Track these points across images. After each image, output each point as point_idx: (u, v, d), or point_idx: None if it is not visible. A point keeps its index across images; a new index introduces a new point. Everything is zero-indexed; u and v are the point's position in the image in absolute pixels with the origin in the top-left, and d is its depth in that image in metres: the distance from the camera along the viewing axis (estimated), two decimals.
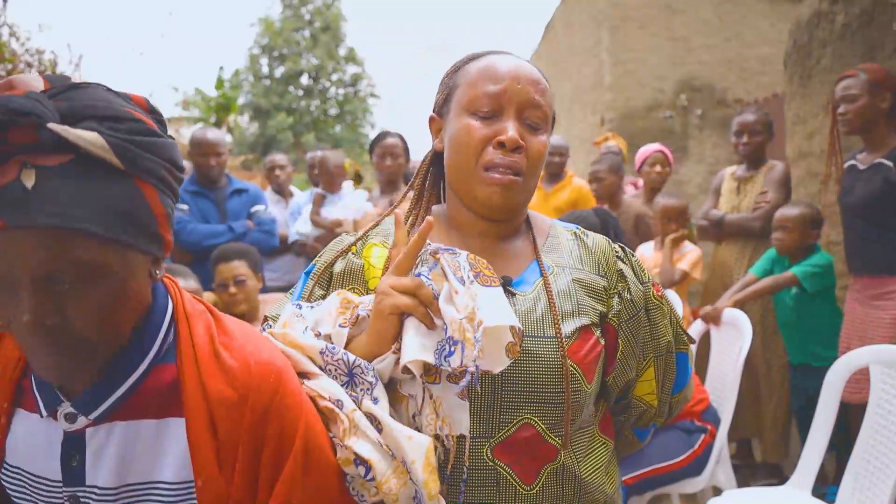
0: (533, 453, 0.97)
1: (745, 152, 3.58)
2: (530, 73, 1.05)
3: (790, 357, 3.30)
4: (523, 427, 0.97)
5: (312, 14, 23.76)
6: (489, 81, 1.03)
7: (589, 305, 1.04)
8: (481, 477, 0.96)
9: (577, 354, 1.00)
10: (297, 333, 0.99)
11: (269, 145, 20.41)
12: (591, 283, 1.06)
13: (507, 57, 1.07)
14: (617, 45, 6.99)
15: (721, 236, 3.65)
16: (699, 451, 2.59)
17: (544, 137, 1.05)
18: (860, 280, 2.84)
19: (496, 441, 0.96)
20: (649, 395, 1.14)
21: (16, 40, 4.12)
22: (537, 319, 1.00)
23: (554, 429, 0.99)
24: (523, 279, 1.05)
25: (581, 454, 1.02)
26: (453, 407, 0.95)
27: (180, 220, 3.47)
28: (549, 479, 0.98)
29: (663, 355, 1.12)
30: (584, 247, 1.11)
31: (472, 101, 1.03)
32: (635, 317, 1.07)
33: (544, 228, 1.14)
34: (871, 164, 2.75)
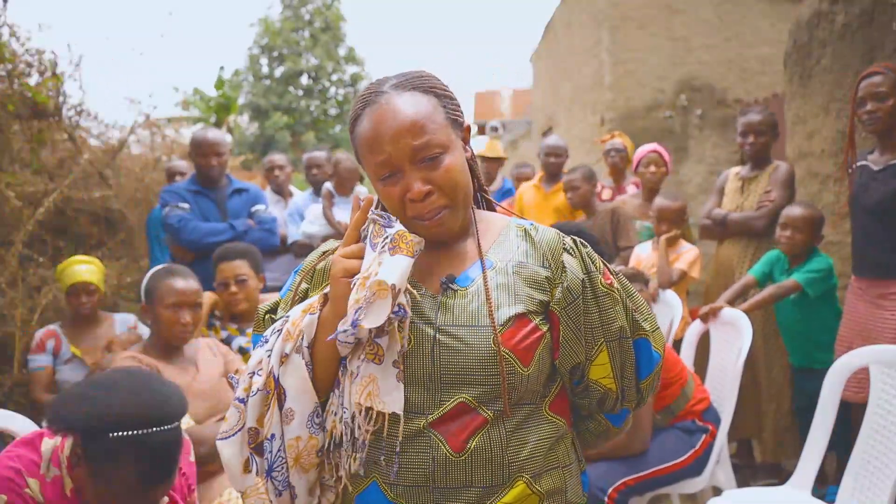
0: (464, 424, 1.08)
1: (751, 153, 3.56)
2: (404, 121, 1.10)
3: (791, 359, 3.30)
4: (459, 405, 1.09)
5: (312, 14, 23.76)
6: (374, 152, 1.12)
7: (527, 295, 1.14)
8: (417, 444, 1.08)
9: (511, 341, 1.10)
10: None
11: (268, 145, 20.41)
12: (533, 275, 1.16)
13: (379, 112, 1.12)
14: (617, 45, 6.99)
15: (724, 235, 3.65)
16: (700, 451, 2.59)
17: (450, 158, 1.12)
18: (865, 280, 2.83)
19: (434, 417, 1.08)
20: (605, 379, 1.20)
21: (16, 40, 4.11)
22: (474, 311, 1.11)
23: (486, 403, 1.09)
24: (466, 276, 1.16)
25: (515, 425, 1.11)
26: (390, 389, 1.06)
27: (181, 219, 3.47)
28: (477, 447, 1.08)
29: (615, 340, 1.18)
30: (531, 241, 1.20)
31: (372, 171, 1.14)
32: (573, 303, 1.15)
33: (496, 228, 1.23)
34: (887, 165, 2.71)
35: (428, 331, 1.11)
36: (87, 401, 1.45)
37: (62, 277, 3.23)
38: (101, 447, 1.41)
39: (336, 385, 1.11)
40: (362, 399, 1.06)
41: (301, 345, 1.10)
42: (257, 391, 1.11)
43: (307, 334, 1.11)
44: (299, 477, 1.11)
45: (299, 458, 1.10)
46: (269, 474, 1.10)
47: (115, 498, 1.44)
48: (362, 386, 1.07)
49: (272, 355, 1.11)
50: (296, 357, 1.10)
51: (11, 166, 3.98)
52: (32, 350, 3.17)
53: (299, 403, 1.09)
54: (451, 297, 1.13)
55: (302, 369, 1.10)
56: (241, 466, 1.13)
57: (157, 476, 1.47)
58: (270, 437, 1.10)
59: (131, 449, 1.41)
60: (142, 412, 1.43)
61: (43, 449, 1.53)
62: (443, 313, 1.12)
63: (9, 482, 1.46)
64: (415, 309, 1.12)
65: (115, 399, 1.44)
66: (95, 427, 1.41)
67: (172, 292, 2.36)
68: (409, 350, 1.09)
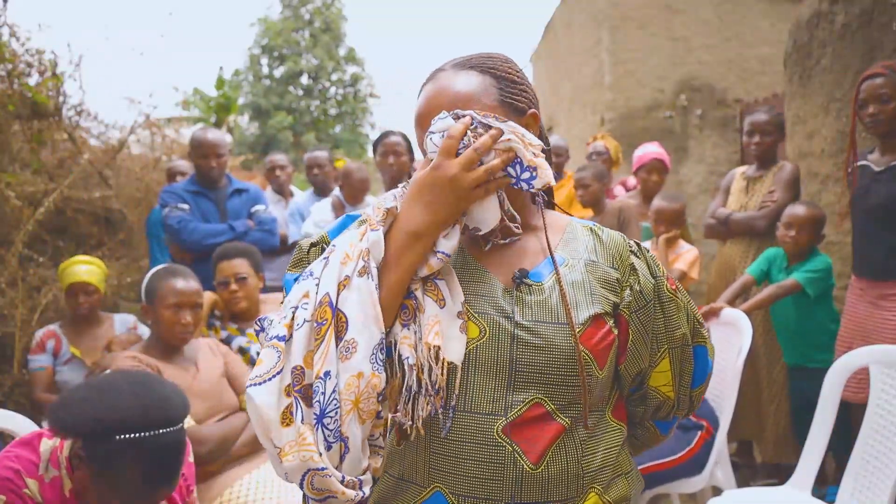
0: (540, 432, 1.01)
1: (757, 152, 3.55)
2: (442, 99, 1.07)
3: (786, 358, 3.29)
4: (534, 406, 1.02)
5: (312, 14, 23.75)
6: (418, 129, 1.10)
7: (602, 295, 1.10)
8: (487, 454, 1.00)
9: (590, 341, 1.05)
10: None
11: (269, 145, 20.41)
12: (605, 275, 1.12)
13: (427, 91, 1.10)
14: (617, 45, 6.99)
15: (727, 235, 3.65)
16: (696, 448, 2.59)
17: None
18: (865, 280, 2.82)
19: (507, 421, 1.00)
20: (665, 387, 1.18)
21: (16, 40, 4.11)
22: (552, 308, 1.06)
23: (564, 409, 1.04)
24: (538, 272, 1.10)
25: (589, 433, 1.07)
26: (452, 337, 0.99)
27: (181, 220, 3.47)
28: (554, 458, 1.02)
29: (678, 347, 1.16)
30: (600, 241, 1.16)
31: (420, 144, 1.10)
32: (644, 308, 1.12)
33: (560, 225, 1.19)
34: (888, 167, 2.70)
35: (505, 324, 1.04)
36: (89, 404, 1.45)
37: (62, 277, 3.23)
38: (104, 450, 1.41)
39: (410, 316, 1.01)
40: (431, 338, 0.97)
41: (368, 265, 0.98)
42: (304, 322, 0.96)
43: (374, 253, 1.00)
44: (356, 427, 0.94)
45: (358, 402, 0.94)
46: (321, 420, 0.93)
47: (118, 500, 1.44)
48: (430, 325, 0.98)
49: (322, 282, 0.98)
50: (359, 280, 0.97)
51: (11, 166, 3.98)
52: (32, 350, 3.17)
53: (364, 333, 0.95)
54: (526, 293, 1.07)
55: (371, 293, 0.97)
56: (280, 416, 0.94)
57: (162, 478, 1.47)
58: (324, 376, 0.93)
59: (135, 451, 1.41)
60: (145, 414, 1.44)
61: (42, 449, 1.53)
62: (520, 308, 1.05)
63: (7, 482, 1.46)
64: (490, 300, 1.06)
65: (117, 401, 1.44)
66: (99, 430, 1.41)
67: (173, 292, 2.36)
68: (484, 343, 1.02)
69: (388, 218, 1.03)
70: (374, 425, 0.98)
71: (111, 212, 4.72)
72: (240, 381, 2.48)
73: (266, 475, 2.26)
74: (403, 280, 1.01)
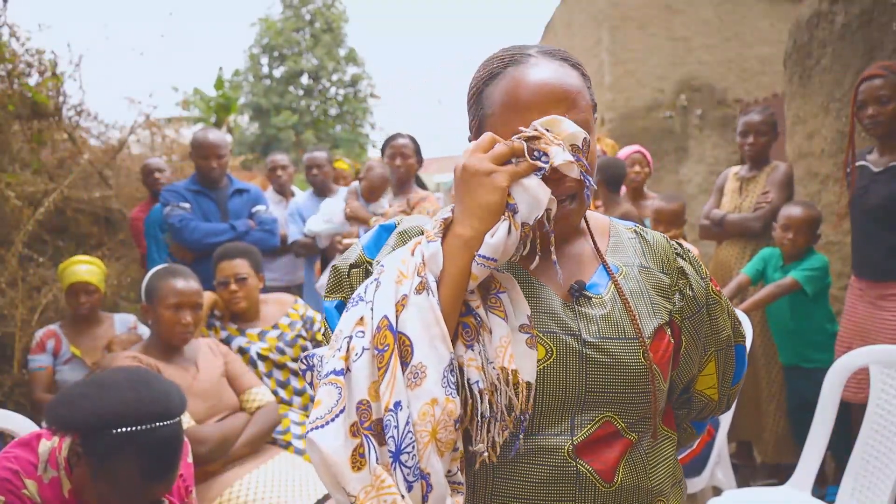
0: (609, 449, 0.97)
1: (751, 153, 3.57)
2: (556, 92, 0.97)
3: (781, 358, 3.29)
4: (604, 425, 0.98)
5: (313, 14, 23.75)
6: (512, 113, 0.97)
7: (661, 304, 1.05)
8: (560, 477, 0.95)
9: (657, 354, 1.01)
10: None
11: (269, 145, 20.41)
12: (658, 282, 1.07)
13: (527, 72, 0.99)
14: (617, 45, 6.99)
15: (722, 236, 3.65)
16: (697, 450, 2.59)
17: (592, 142, 1.00)
18: (864, 281, 2.82)
19: (578, 440, 0.96)
20: (710, 389, 1.15)
21: (16, 40, 4.11)
22: (616, 322, 1.00)
23: (632, 426, 1.00)
24: (595, 283, 1.04)
25: (650, 445, 1.03)
26: (522, 354, 0.92)
27: (182, 219, 3.48)
28: (626, 474, 0.98)
29: (724, 349, 1.14)
30: (646, 243, 1.12)
31: (502, 132, 0.98)
32: (698, 314, 1.08)
33: (604, 228, 1.13)
34: (887, 167, 2.70)
35: (572, 343, 0.97)
36: (86, 399, 1.45)
37: (62, 277, 3.23)
38: (102, 444, 1.41)
39: (473, 336, 0.92)
40: (506, 361, 0.89)
41: (426, 280, 0.89)
42: (363, 351, 0.87)
43: (432, 266, 0.91)
44: (436, 460, 0.84)
45: (436, 432, 0.83)
46: (398, 458, 0.82)
47: (117, 496, 1.44)
48: (503, 346, 0.90)
49: (377, 305, 0.89)
50: (418, 298, 0.88)
51: (11, 166, 3.98)
52: (32, 350, 3.17)
53: (432, 356, 0.86)
54: (588, 307, 1.01)
55: (433, 309, 0.87)
56: (350, 460, 0.84)
57: (160, 472, 1.47)
58: (395, 407, 0.83)
59: (133, 445, 1.41)
60: (142, 408, 1.44)
61: (40, 450, 1.53)
62: (584, 324, 0.99)
63: (6, 483, 1.46)
64: (553, 317, 0.99)
65: (114, 396, 1.45)
66: (96, 424, 1.42)
67: (173, 292, 2.37)
68: (552, 363, 0.95)
69: (444, 228, 0.95)
70: (451, 458, 0.88)
71: (111, 212, 4.72)
72: (240, 381, 2.48)
73: (266, 475, 2.26)
74: (457, 293, 0.91)
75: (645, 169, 4.13)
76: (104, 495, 1.45)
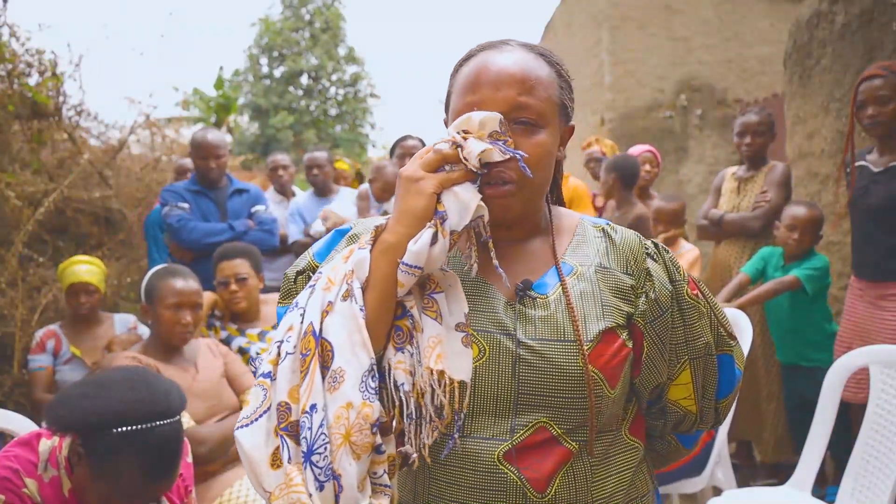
0: (545, 457, 0.94)
1: (748, 153, 3.57)
2: (515, 72, 0.98)
3: (780, 356, 3.29)
4: (539, 430, 0.95)
5: (312, 14, 23.75)
6: (469, 92, 0.99)
7: (614, 307, 1.00)
8: (489, 481, 0.93)
9: (601, 359, 0.97)
10: None
11: (269, 145, 20.41)
12: (617, 282, 1.02)
13: (493, 57, 1.00)
14: (617, 45, 6.99)
15: (720, 236, 3.65)
16: (697, 450, 2.59)
17: (542, 135, 0.99)
18: (864, 281, 2.82)
19: (509, 446, 0.94)
20: (686, 401, 1.09)
21: (16, 40, 4.11)
22: (557, 324, 0.97)
23: (571, 433, 0.96)
24: (543, 282, 1.02)
25: (601, 457, 0.99)
26: (456, 353, 0.91)
27: (181, 218, 3.48)
28: (562, 485, 0.95)
29: (701, 358, 1.06)
30: (612, 242, 1.07)
31: (456, 114, 0.99)
32: (661, 318, 1.03)
33: (570, 226, 1.10)
34: (887, 168, 2.70)
35: (507, 343, 0.96)
36: (86, 399, 1.46)
37: (62, 277, 3.23)
38: (102, 444, 1.42)
39: (405, 338, 0.92)
40: (433, 362, 0.89)
41: (352, 287, 0.91)
42: (287, 355, 0.90)
43: (359, 273, 0.92)
44: (349, 462, 0.86)
45: (350, 434, 0.86)
46: (309, 458, 0.85)
47: (117, 495, 1.45)
48: (430, 347, 0.90)
49: (307, 312, 0.92)
50: (343, 304, 0.90)
51: (11, 166, 3.98)
52: (32, 350, 3.17)
53: (352, 361, 0.88)
54: (530, 307, 0.98)
55: (355, 317, 0.89)
56: (269, 458, 0.88)
57: (161, 471, 1.47)
58: (310, 409, 0.86)
59: (134, 444, 1.41)
60: (142, 407, 1.44)
61: (41, 449, 1.53)
62: (522, 324, 0.97)
63: (6, 482, 1.46)
64: (490, 316, 0.98)
65: (114, 395, 1.45)
66: (96, 424, 1.42)
67: (173, 292, 2.37)
68: (485, 363, 0.95)
69: (375, 236, 0.95)
70: (376, 461, 0.89)
71: (111, 212, 4.72)
72: (239, 382, 2.48)
73: None
74: (383, 299, 0.91)
75: (654, 169, 4.12)
76: (105, 495, 1.45)
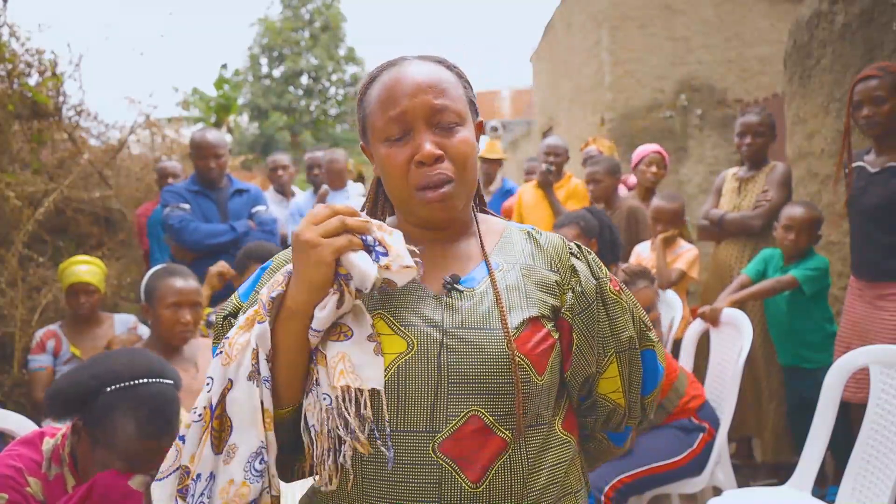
0: (480, 448, 0.96)
1: (748, 153, 3.57)
2: (425, 80, 1.04)
3: (780, 359, 3.29)
4: (471, 420, 0.96)
5: (312, 14, 23.77)
6: (388, 107, 1.03)
7: (538, 298, 1.05)
8: (424, 474, 0.95)
9: (526, 346, 1.00)
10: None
11: (268, 145, 20.42)
12: (542, 278, 1.08)
13: (400, 70, 1.06)
14: (617, 45, 6.99)
15: (721, 235, 3.65)
16: (698, 450, 2.60)
17: (465, 133, 1.05)
18: (863, 281, 2.82)
19: (443, 436, 0.95)
20: (615, 394, 1.13)
21: (16, 40, 4.10)
22: (484, 313, 1.01)
23: (503, 421, 0.98)
24: (472, 277, 1.07)
25: (536, 449, 1.01)
26: (366, 363, 0.94)
27: (182, 219, 3.48)
28: (497, 476, 0.96)
29: (626, 351, 1.12)
30: (537, 244, 1.13)
31: (381, 130, 1.05)
32: (588, 310, 1.08)
33: (497, 230, 1.16)
34: (884, 168, 2.70)
35: (433, 334, 0.99)
36: (81, 369, 1.57)
37: (62, 277, 3.23)
38: (98, 406, 1.48)
39: (311, 382, 0.97)
40: (335, 380, 0.92)
41: (258, 366, 0.94)
42: (193, 423, 0.97)
43: (263, 347, 0.95)
44: None
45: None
46: None
47: (117, 458, 1.47)
48: (332, 366, 0.93)
49: (213, 385, 0.97)
50: (247, 384, 0.94)
51: (11, 166, 3.98)
52: (32, 350, 3.17)
53: (244, 440, 0.93)
54: (457, 299, 1.03)
55: (250, 397, 0.94)
56: None
57: (156, 427, 1.49)
58: (196, 477, 0.94)
59: (127, 400, 1.48)
60: (135, 367, 1.53)
61: (44, 448, 1.54)
62: (449, 315, 1.01)
63: (9, 480, 1.46)
64: (417, 311, 1.01)
65: (107, 361, 1.56)
66: (92, 385, 1.49)
67: (172, 292, 2.37)
68: (412, 356, 0.97)
69: (276, 306, 0.97)
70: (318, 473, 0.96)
71: (111, 212, 4.72)
72: None
73: None
74: (294, 360, 0.96)
75: (661, 171, 4.10)
76: (106, 464, 1.47)
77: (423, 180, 1.01)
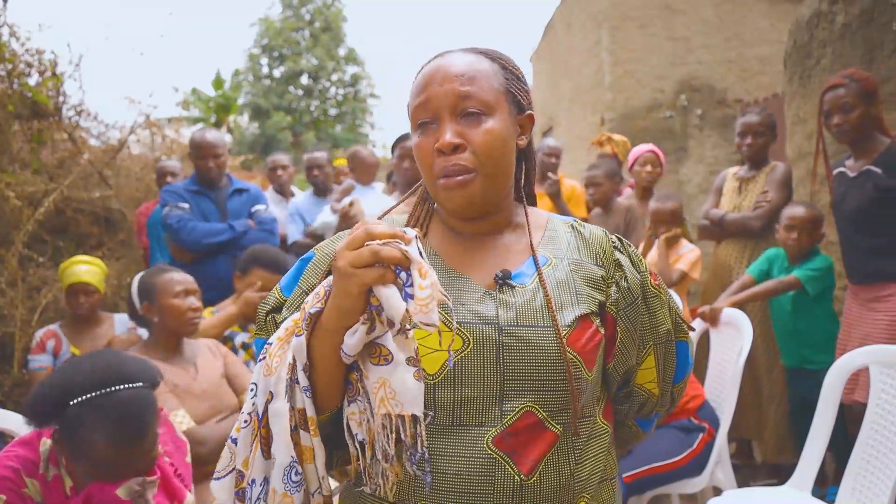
0: (533, 441, 0.98)
1: (749, 153, 3.57)
2: (451, 68, 1.04)
3: (784, 360, 3.29)
4: (525, 415, 0.98)
5: (312, 14, 23.77)
6: (418, 94, 1.06)
7: (587, 294, 1.06)
8: (477, 467, 0.96)
9: (578, 343, 1.02)
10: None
11: (268, 145, 20.42)
12: (589, 273, 1.09)
13: (438, 60, 1.07)
14: (617, 45, 7.00)
15: (721, 235, 3.65)
16: (698, 450, 2.59)
17: (492, 123, 1.03)
18: (854, 284, 2.84)
19: (497, 431, 0.97)
20: (650, 384, 1.16)
21: (16, 40, 4.10)
22: (536, 310, 1.02)
23: (555, 415, 1.00)
24: (521, 272, 1.07)
25: (583, 441, 1.03)
26: (406, 389, 0.90)
27: (181, 219, 3.47)
28: (546, 468, 0.98)
29: (663, 343, 1.14)
30: (581, 237, 1.13)
31: (413, 118, 1.07)
32: (633, 304, 1.09)
33: (541, 222, 1.16)
34: (860, 172, 2.72)
35: (490, 332, 0.99)
36: (48, 381, 1.54)
37: (62, 277, 3.23)
38: (68, 420, 1.46)
39: (355, 391, 0.94)
40: (377, 408, 0.91)
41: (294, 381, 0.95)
42: (243, 429, 0.99)
43: (300, 359, 0.94)
44: None
45: None
46: None
47: (97, 470, 1.46)
48: (373, 392, 0.92)
49: (258, 392, 0.98)
50: (278, 403, 0.95)
51: (11, 166, 3.98)
52: (32, 350, 3.17)
53: (278, 454, 0.95)
54: (510, 295, 1.03)
55: (282, 418, 0.94)
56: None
57: (128, 435, 1.48)
58: (251, 482, 0.97)
59: (92, 412, 1.46)
60: (96, 376, 1.50)
61: (41, 449, 1.53)
62: (504, 312, 1.01)
63: (7, 481, 1.46)
64: (473, 307, 1.01)
65: (71, 371, 1.53)
66: (57, 399, 1.47)
67: (174, 282, 2.39)
68: (469, 353, 0.98)
69: (313, 322, 0.95)
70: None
71: (111, 212, 4.72)
72: (239, 381, 2.48)
73: None
74: (331, 372, 0.93)
75: (657, 169, 4.11)
76: (89, 474, 1.47)
77: (442, 168, 1.02)
